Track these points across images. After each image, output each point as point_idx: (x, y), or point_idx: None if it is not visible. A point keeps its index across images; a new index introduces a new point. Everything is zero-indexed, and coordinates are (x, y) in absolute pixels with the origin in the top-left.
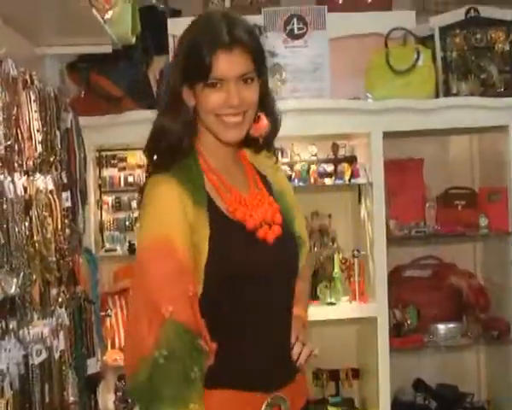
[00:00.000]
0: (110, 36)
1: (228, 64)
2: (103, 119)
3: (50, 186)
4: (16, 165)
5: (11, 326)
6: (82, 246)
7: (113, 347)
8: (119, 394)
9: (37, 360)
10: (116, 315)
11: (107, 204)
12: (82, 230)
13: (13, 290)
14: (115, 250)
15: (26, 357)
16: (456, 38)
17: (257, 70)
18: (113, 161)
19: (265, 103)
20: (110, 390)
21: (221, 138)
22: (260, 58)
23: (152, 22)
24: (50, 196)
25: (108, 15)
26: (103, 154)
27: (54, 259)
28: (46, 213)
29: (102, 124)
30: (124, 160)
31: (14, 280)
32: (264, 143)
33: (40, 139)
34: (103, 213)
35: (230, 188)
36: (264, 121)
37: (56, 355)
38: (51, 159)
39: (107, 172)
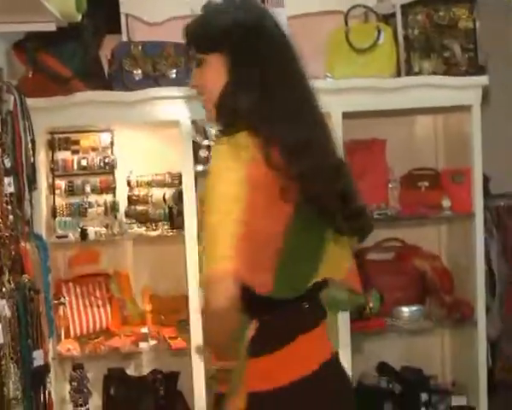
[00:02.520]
0: (51, 12)
1: None
2: (53, 100)
3: None
4: None
5: None
6: (31, 232)
7: (67, 336)
8: (75, 384)
9: None
10: (70, 303)
11: (60, 189)
12: (29, 216)
13: None
14: (66, 237)
15: None
16: (418, 16)
17: None
18: (66, 144)
19: None
20: (65, 380)
21: None
22: None
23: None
24: None
25: None
26: (56, 136)
27: None
28: None
29: (52, 105)
30: (77, 143)
31: None
32: None
33: None
34: (56, 197)
35: None
36: None
37: None
38: None
39: (61, 156)
